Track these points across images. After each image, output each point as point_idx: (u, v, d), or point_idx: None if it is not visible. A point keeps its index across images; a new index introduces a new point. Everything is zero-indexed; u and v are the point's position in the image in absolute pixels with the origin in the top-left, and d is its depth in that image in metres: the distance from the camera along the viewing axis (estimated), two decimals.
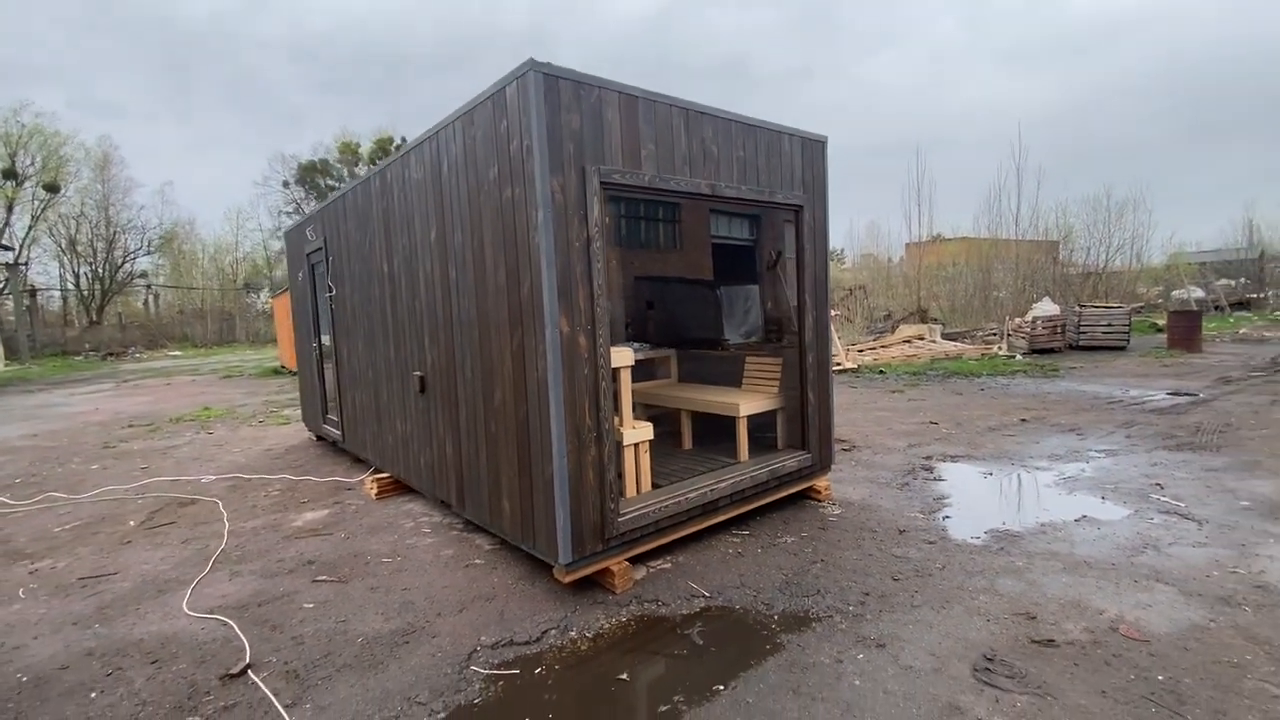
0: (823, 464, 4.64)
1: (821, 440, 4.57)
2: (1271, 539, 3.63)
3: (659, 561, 3.68)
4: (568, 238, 3.11)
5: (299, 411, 10.58)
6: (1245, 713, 2.19)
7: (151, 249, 41.76)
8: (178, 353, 33.16)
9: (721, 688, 2.52)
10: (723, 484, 3.92)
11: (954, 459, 5.70)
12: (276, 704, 2.52)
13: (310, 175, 47.02)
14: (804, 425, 4.49)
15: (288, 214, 48.02)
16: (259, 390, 14.35)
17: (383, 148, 49.60)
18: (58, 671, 2.85)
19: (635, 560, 3.56)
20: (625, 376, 3.82)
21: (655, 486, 3.93)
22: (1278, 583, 3.12)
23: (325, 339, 6.70)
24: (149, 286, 41.90)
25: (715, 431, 5.20)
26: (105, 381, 18.51)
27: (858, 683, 2.49)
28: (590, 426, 3.22)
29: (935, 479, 5.14)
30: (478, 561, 3.83)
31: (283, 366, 19.48)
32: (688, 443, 5.17)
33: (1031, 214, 21.39)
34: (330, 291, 6.15)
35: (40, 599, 3.63)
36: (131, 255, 41.15)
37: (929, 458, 5.76)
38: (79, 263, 39.88)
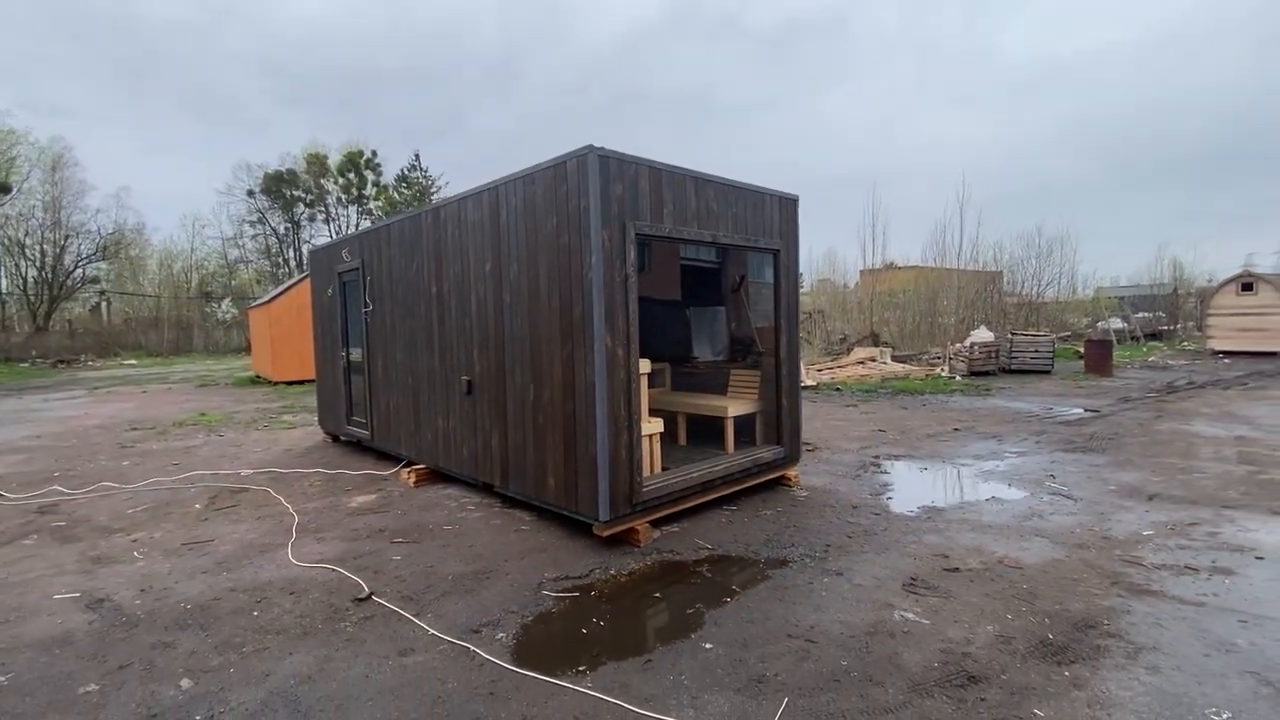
0: (792, 457, 5.73)
1: (792, 437, 5.68)
2: (1124, 510, 4.89)
3: (670, 526, 4.68)
4: (612, 275, 4.14)
5: (299, 418, 11.21)
6: (1074, 602, 3.34)
7: (106, 254, 40.70)
8: (133, 361, 32.44)
9: (729, 599, 3.54)
10: (718, 468, 4.97)
11: (897, 458, 6.89)
12: (405, 614, 3.41)
13: (277, 185, 46.71)
14: (779, 425, 5.59)
15: (251, 223, 47.55)
16: (245, 399, 14.73)
17: (352, 161, 49.72)
18: (213, 601, 3.66)
19: (653, 524, 4.55)
20: (644, 381, 4.83)
21: (664, 469, 4.95)
22: (1119, 536, 4.34)
23: (355, 349, 7.51)
24: (103, 293, 40.77)
25: (704, 432, 6.25)
26: (73, 389, 18.41)
27: (824, 594, 3.55)
28: (624, 417, 4.23)
29: (881, 472, 6.31)
30: (523, 528, 4.76)
31: (258, 376, 19.73)
32: (682, 439, 6.22)
33: (973, 248, 23.47)
34: (367, 307, 6.99)
35: (157, 559, 4.39)
36: (84, 260, 40.10)
37: (877, 457, 6.94)
38: (26, 266, 38.66)
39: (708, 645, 3.04)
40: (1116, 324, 27.91)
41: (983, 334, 16.23)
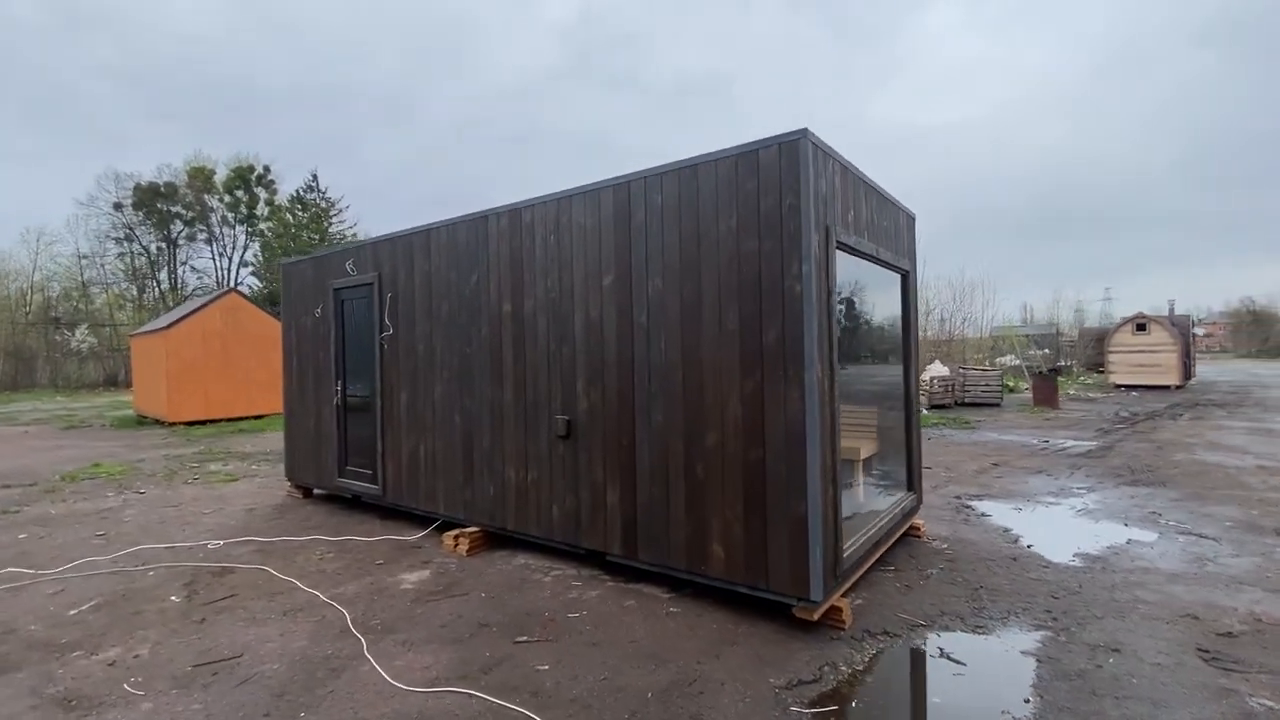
0: (919, 503, 5.13)
1: (919, 482, 5.08)
2: (1277, 549, 4.68)
3: (852, 598, 3.87)
4: (817, 289, 3.37)
5: (233, 467, 9.24)
6: None
7: None
8: None
9: (1028, 699, 2.78)
10: (882, 522, 4.25)
11: (979, 498, 6.50)
12: None
13: (151, 199, 41.27)
14: (909, 468, 4.98)
15: (117, 240, 41.51)
16: (139, 443, 12.15)
17: (242, 176, 45.16)
18: None
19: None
20: None
21: None
22: None
23: (357, 383, 6.11)
24: None
25: None
26: None
27: (1134, 681, 2.89)
28: (830, 467, 3.42)
29: (983, 514, 5.85)
30: (673, 610, 3.75)
31: (144, 416, 16.62)
32: None
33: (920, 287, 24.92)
34: (386, 331, 5.69)
35: (167, 694, 2.95)
36: None
37: (959, 497, 6.51)
38: None
39: None
40: (1015, 360, 30.47)
41: (938, 368, 16.82)
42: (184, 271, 44.26)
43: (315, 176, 46.24)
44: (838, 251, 3.81)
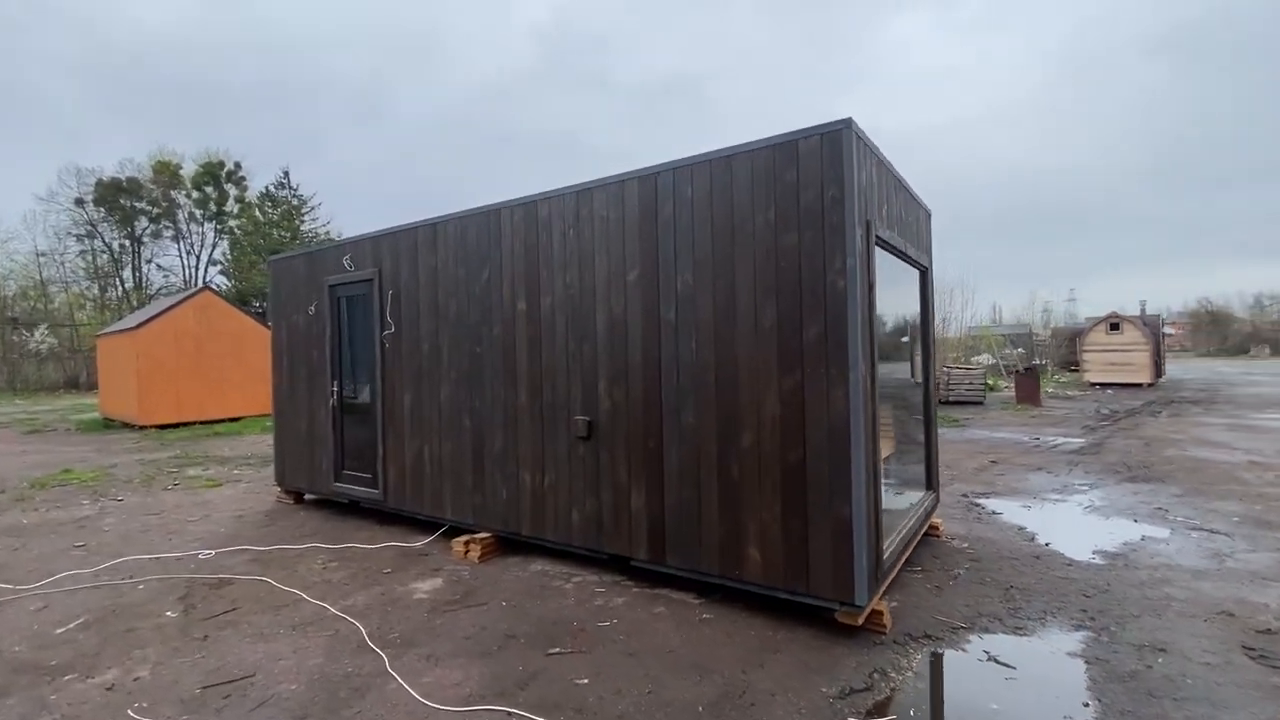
0: (937, 502, 5.08)
1: (936, 481, 5.03)
2: None
3: (886, 601, 3.78)
4: (860, 285, 3.28)
5: (214, 471, 8.86)
6: None
7: None
8: None
9: (1088, 703, 2.72)
10: (911, 521, 4.18)
11: (986, 496, 6.50)
12: None
13: (114, 195, 39.75)
14: (928, 467, 4.93)
15: (78, 237, 39.90)
16: (110, 448, 11.63)
17: (211, 173, 43.83)
18: None
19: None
20: None
21: None
22: None
23: (354, 384, 5.86)
24: None
25: None
26: None
27: (1189, 681, 2.85)
28: (872, 466, 3.32)
29: (994, 513, 5.84)
30: (706, 616, 3.62)
31: (111, 419, 15.94)
32: None
33: None
34: (388, 329, 5.45)
35: None
36: None
37: (966, 495, 6.51)
38: None
39: None
40: (989, 359, 31.06)
41: None
42: (149, 270, 42.82)
43: (286, 173, 45.07)
44: (890, 250, 3.74)
